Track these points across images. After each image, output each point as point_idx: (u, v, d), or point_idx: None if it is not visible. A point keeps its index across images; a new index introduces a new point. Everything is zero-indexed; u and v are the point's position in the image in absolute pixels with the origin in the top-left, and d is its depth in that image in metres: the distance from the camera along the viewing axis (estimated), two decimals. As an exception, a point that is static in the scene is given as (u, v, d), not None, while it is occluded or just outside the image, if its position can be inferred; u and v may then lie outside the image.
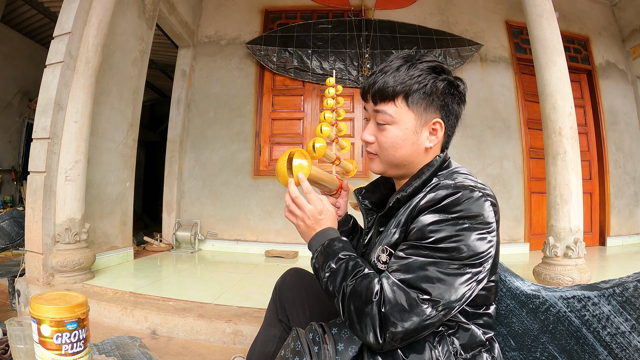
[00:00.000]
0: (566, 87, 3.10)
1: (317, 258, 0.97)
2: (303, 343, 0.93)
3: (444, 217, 0.84)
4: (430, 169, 0.98)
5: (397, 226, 0.96)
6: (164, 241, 5.14)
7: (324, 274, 0.93)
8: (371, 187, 1.22)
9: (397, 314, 0.78)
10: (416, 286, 0.80)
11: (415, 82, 0.94)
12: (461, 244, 0.82)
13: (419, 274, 0.81)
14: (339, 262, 0.92)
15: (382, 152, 1.02)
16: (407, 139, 0.98)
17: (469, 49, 5.22)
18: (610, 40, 6.00)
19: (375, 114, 1.00)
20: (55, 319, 0.77)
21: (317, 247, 0.99)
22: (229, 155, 5.27)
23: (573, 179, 3.01)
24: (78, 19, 3.21)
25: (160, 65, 7.82)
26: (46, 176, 3.05)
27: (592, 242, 5.51)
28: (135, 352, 1.25)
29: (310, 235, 1.02)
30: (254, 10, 5.61)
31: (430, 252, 0.83)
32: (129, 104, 4.17)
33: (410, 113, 0.97)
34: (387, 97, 0.96)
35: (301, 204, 1.01)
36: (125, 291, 2.92)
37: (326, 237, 0.99)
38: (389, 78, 0.95)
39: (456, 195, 0.85)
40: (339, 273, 0.90)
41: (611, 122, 5.70)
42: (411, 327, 0.78)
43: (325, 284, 0.93)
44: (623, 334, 0.82)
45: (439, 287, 0.80)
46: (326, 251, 0.96)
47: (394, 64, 0.97)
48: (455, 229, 0.83)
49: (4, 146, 6.54)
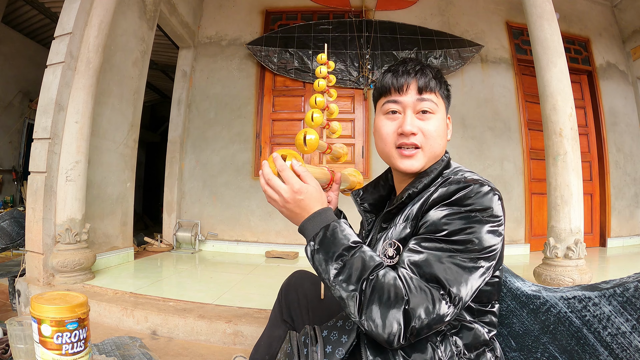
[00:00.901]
0: (567, 88, 3.10)
1: (315, 249, 0.87)
2: (293, 346, 0.93)
3: (456, 210, 0.85)
4: (439, 168, 1.00)
5: (406, 220, 0.96)
6: (165, 242, 5.14)
7: (330, 268, 0.84)
8: (370, 187, 1.22)
9: (422, 312, 0.76)
10: (436, 280, 0.79)
11: (441, 76, 1.03)
12: (474, 236, 0.82)
13: (437, 267, 0.80)
14: (351, 251, 0.84)
15: (428, 142, 0.99)
16: (444, 128, 1.03)
17: (469, 50, 5.22)
18: (610, 41, 6.00)
19: (418, 103, 0.99)
20: (56, 319, 0.77)
21: (312, 234, 0.89)
22: (230, 156, 5.27)
23: (573, 180, 3.01)
24: (79, 20, 3.21)
25: (161, 66, 7.83)
26: (47, 176, 3.05)
27: (593, 243, 5.51)
28: (135, 352, 1.25)
29: (298, 221, 0.92)
30: (254, 11, 5.61)
31: (445, 244, 0.82)
32: (130, 104, 4.17)
33: (443, 103, 1.03)
34: (431, 88, 1.00)
35: (275, 184, 0.89)
36: (125, 291, 2.92)
37: (321, 223, 0.89)
38: (428, 72, 1.00)
39: (467, 189, 0.86)
40: (354, 267, 0.81)
41: (611, 123, 5.70)
42: (432, 322, 0.77)
43: (334, 280, 0.83)
44: (624, 335, 0.82)
45: (457, 281, 0.79)
46: (328, 240, 0.86)
47: (417, 64, 1.02)
48: (468, 222, 0.83)
49: (4, 146, 6.55)
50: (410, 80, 0.99)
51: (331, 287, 0.83)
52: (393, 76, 1.01)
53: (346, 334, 0.94)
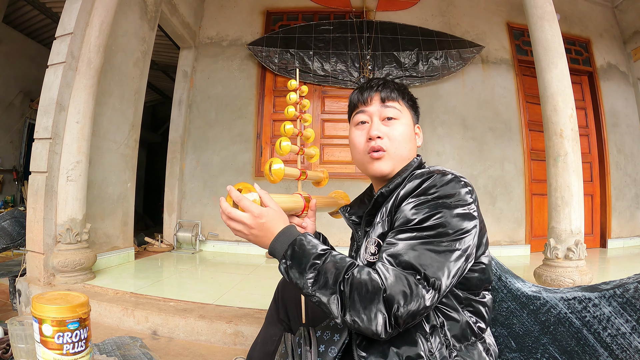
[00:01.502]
0: (567, 89, 3.09)
1: (289, 265, 0.89)
2: (288, 347, 0.98)
3: (423, 200, 0.90)
4: (410, 168, 1.07)
5: (382, 218, 1.01)
6: (165, 242, 5.15)
7: (306, 279, 0.86)
8: (356, 203, 1.28)
9: (400, 298, 0.78)
10: (411, 267, 0.81)
11: (405, 89, 1.15)
12: (444, 220, 0.86)
13: (410, 254, 0.83)
14: (322, 259, 0.87)
15: (393, 146, 1.07)
16: (410, 133, 1.11)
17: (470, 50, 5.22)
18: (611, 42, 6.00)
19: (382, 110, 1.10)
20: (57, 319, 0.77)
21: (281, 252, 0.91)
22: (230, 157, 5.28)
23: (574, 181, 3.01)
24: (80, 20, 3.22)
25: (161, 66, 7.84)
26: (48, 176, 3.06)
27: (593, 244, 5.51)
28: (136, 352, 1.25)
29: (266, 244, 0.95)
30: (255, 12, 5.62)
31: (417, 232, 0.86)
32: (131, 104, 4.17)
33: (408, 112, 1.13)
34: (393, 97, 1.11)
35: (236, 215, 0.94)
36: (126, 291, 2.92)
37: (288, 240, 0.92)
38: (389, 85, 1.12)
39: (430, 179, 0.93)
40: (329, 272, 0.85)
41: (612, 124, 5.70)
42: (413, 308, 0.78)
43: (312, 289, 0.85)
44: (624, 335, 0.82)
45: (432, 265, 0.82)
46: (298, 254, 0.89)
47: (380, 80, 1.14)
48: (435, 208, 0.87)
49: (5, 146, 6.56)
50: (373, 94, 1.12)
51: (311, 297, 0.86)
52: (359, 92, 1.15)
53: (338, 333, 0.97)
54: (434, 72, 5.17)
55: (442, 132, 5.18)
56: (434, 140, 5.15)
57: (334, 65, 5.22)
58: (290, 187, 5.09)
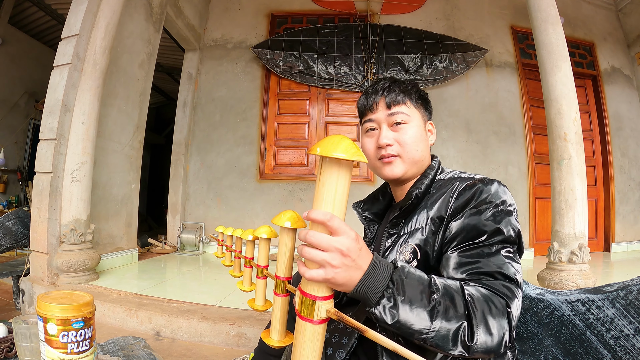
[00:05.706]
0: (571, 93, 3.09)
1: (395, 302, 0.68)
2: None
3: (482, 208, 0.87)
4: (433, 170, 1.07)
5: (420, 225, 0.96)
6: (169, 243, 5.16)
7: (424, 315, 0.68)
8: (369, 199, 1.26)
9: (514, 310, 0.75)
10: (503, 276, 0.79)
11: (412, 88, 1.11)
12: (508, 227, 0.85)
13: (494, 265, 0.80)
14: (433, 283, 0.72)
15: (405, 149, 1.06)
16: (421, 133, 1.09)
17: (474, 54, 5.22)
18: (615, 45, 5.98)
19: (390, 117, 1.07)
20: (62, 318, 0.77)
21: (381, 290, 0.68)
22: (235, 159, 5.29)
23: (578, 185, 3.00)
24: (86, 21, 3.24)
25: (166, 68, 7.88)
26: (52, 177, 3.07)
27: (597, 248, 5.48)
28: (139, 352, 1.25)
29: (354, 281, 0.66)
30: (260, 15, 5.64)
31: (489, 245, 0.83)
32: (136, 106, 4.19)
33: (417, 111, 1.10)
34: (399, 101, 1.08)
35: (324, 240, 0.62)
36: (129, 292, 2.93)
37: (386, 270, 0.70)
38: (394, 87, 1.08)
39: (479, 188, 0.90)
40: (447, 298, 0.70)
41: (616, 127, 5.68)
42: (518, 315, 0.77)
43: (434, 323, 0.68)
44: (627, 337, 0.82)
45: (518, 272, 0.81)
46: (406, 285, 0.69)
47: (386, 82, 1.11)
48: (497, 217, 0.86)
49: (10, 147, 6.59)
50: (378, 99, 1.09)
51: (426, 333, 0.68)
52: (365, 98, 1.13)
53: (347, 336, 0.95)
54: (438, 76, 5.18)
55: (446, 135, 5.18)
56: (437, 144, 5.13)
57: (338, 69, 5.23)
58: (294, 190, 5.09)
